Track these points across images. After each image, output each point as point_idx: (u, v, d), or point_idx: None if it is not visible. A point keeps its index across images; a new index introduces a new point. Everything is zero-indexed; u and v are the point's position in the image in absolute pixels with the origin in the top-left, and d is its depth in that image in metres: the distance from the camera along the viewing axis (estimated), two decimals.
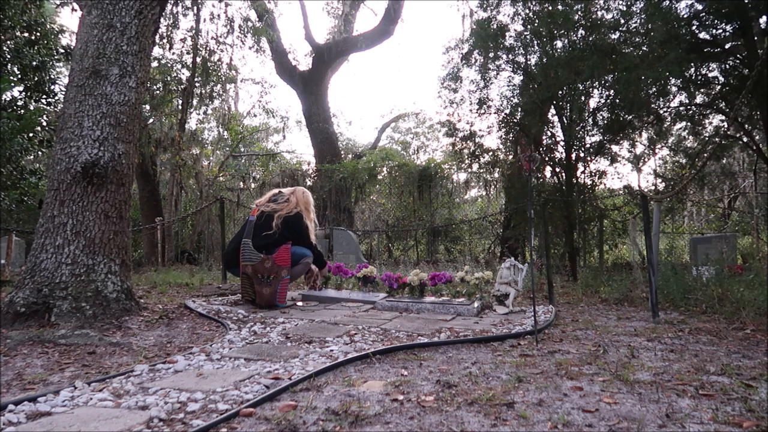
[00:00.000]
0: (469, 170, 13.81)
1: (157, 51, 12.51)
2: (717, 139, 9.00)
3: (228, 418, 1.77)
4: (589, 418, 1.79)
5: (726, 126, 8.95)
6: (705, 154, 8.77)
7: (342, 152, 17.00)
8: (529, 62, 8.50)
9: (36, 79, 8.79)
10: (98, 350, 2.90)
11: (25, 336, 3.08)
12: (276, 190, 4.90)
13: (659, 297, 4.56)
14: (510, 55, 8.52)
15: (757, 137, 9.06)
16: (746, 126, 8.65)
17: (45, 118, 9.06)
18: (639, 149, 11.15)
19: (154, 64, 12.67)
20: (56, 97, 9.12)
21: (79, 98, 3.90)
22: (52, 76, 9.11)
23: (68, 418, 1.79)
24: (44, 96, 9.07)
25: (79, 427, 1.69)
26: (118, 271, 3.86)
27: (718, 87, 8.44)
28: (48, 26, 9.25)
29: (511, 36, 8.44)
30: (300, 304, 4.78)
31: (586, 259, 10.24)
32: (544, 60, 7.99)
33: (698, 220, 16.23)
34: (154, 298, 5.07)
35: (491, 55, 8.54)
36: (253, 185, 17.35)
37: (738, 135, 9.16)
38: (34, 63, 8.59)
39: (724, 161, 12.01)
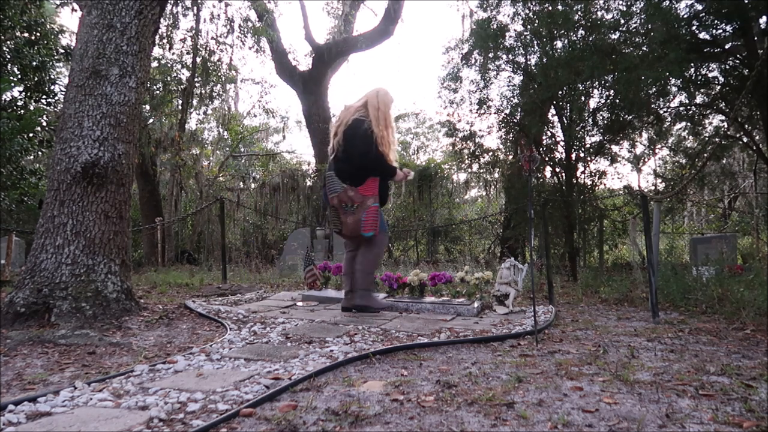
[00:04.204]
0: (469, 170, 13.80)
1: (157, 51, 12.51)
2: (717, 140, 9.00)
3: (228, 418, 1.77)
4: (589, 418, 1.79)
5: (726, 126, 8.95)
6: (705, 155, 8.77)
7: None
8: (529, 62, 8.51)
9: (36, 79, 8.78)
10: (98, 350, 2.90)
11: (25, 336, 3.08)
12: (344, 107, 4.27)
13: (659, 297, 4.56)
14: (510, 56, 8.53)
15: (757, 137, 9.06)
16: (746, 126, 8.65)
17: (45, 118, 9.05)
18: (639, 149, 11.18)
19: (154, 64, 12.67)
20: (56, 98, 9.11)
21: (79, 98, 3.90)
22: (52, 77, 9.10)
23: (68, 418, 1.79)
24: (44, 96, 9.06)
25: (79, 427, 1.69)
26: (118, 271, 3.86)
27: (718, 87, 8.44)
28: (48, 26, 9.24)
29: (511, 36, 8.44)
30: (300, 304, 4.78)
31: (586, 259, 10.24)
32: (544, 60, 7.99)
33: (698, 221, 16.23)
34: (154, 299, 5.08)
35: (491, 55, 8.54)
36: (253, 185, 17.33)
37: (738, 135, 9.17)
38: (34, 63, 8.59)
39: (724, 161, 12.01)
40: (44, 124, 9.02)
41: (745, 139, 8.93)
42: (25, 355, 2.77)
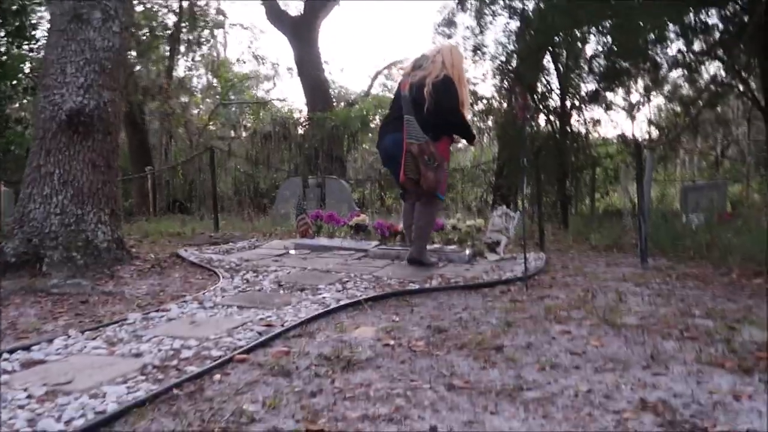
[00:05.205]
0: None
1: None
2: (713, 87, 8.90)
3: (221, 364, 1.79)
4: (576, 360, 1.83)
5: (723, 74, 8.83)
6: (700, 102, 8.70)
7: (334, 100, 16.70)
8: (526, 7, 8.30)
9: (17, 23, 8.48)
10: (91, 299, 2.91)
11: (17, 286, 3.09)
12: (419, 55, 4.09)
13: (649, 244, 4.61)
14: (507, 0, 8.31)
15: (753, 85, 8.96)
16: (742, 74, 8.54)
17: (28, 64, 8.80)
18: (634, 97, 11.05)
19: (139, 8, 12.25)
20: (38, 43, 8.83)
21: (61, 43, 3.78)
22: (34, 21, 8.79)
23: (62, 365, 1.81)
24: (26, 42, 8.78)
25: (74, 374, 1.71)
26: (108, 220, 3.83)
27: (717, 34, 8.28)
28: None
29: None
30: (292, 252, 4.79)
31: (578, 207, 10.28)
32: (542, 5, 7.79)
33: (690, 168, 16.25)
34: (145, 248, 5.07)
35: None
36: (244, 134, 17.11)
37: (734, 83, 9.06)
38: (14, 7, 8.28)
39: (718, 109, 11.91)
40: (27, 70, 8.78)
41: (741, 87, 8.83)
42: (17, 305, 2.78)
